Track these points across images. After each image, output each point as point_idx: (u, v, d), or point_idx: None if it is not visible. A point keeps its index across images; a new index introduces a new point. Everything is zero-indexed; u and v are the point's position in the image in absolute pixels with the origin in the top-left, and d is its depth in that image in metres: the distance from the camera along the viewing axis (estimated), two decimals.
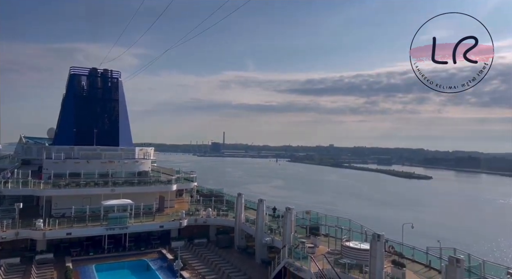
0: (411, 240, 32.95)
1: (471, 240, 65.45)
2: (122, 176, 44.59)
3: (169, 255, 35.24)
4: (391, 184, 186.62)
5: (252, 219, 38.26)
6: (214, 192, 53.87)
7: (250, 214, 40.68)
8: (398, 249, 29.07)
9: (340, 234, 32.21)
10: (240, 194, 40.38)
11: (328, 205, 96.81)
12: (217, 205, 45.94)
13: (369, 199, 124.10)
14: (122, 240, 37.32)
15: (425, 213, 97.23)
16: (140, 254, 36.28)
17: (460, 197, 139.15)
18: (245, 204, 41.88)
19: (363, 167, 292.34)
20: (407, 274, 23.79)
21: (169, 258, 34.21)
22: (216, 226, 42.21)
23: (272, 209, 41.48)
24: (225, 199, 48.18)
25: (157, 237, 39.03)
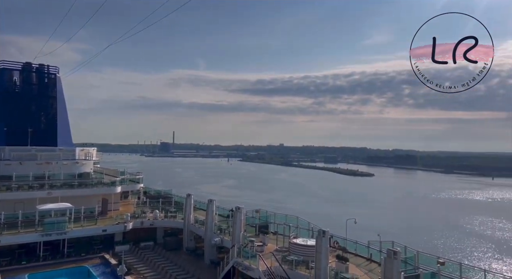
0: (354, 234, 34.54)
1: (408, 232, 70.33)
2: (61, 178, 41.64)
3: (112, 260, 33.57)
4: (337, 181, 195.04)
5: (201, 220, 37.73)
6: (162, 193, 52.33)
7: (200, 215, 40.09)
8: (342, 244, 30.33)
9: (288, 231, 32.86)
10: (189, 194, 39.63)
11: (278, 203, 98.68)
12: (165, 206, 44.64)
13: (316, 196, 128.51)
14: (60, 246, 34.84)
15: (368, 208, 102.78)
16: (80, 261, 34.11)
17: (399, 193, 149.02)
18: (195, 205, 41.18)
19: (311, 166, 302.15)
20: (350, 268, 24.87)
21: (113, 263, 32.59)
22: (164, 228, 41.01)
23: (230, 210, 40.97)
24: (174, 200, 46.99)
25: (100, 242, 36.99)
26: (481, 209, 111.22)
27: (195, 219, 38.94)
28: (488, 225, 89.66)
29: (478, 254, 64.77)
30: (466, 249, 67.18)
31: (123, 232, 38.10)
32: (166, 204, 45.78)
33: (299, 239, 29.77)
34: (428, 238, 70.26)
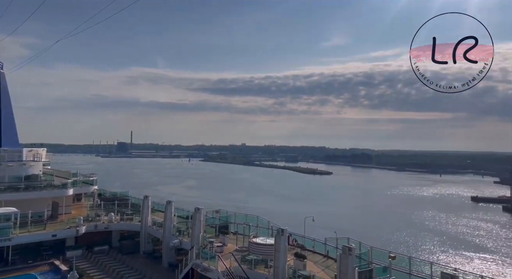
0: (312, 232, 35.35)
1: (364, 228, 73.09)
2: (6, 181, 38.79)
3: (63, 266, 31.75)
4: (297, 180, 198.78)
5: (159, 222, 36.78)
6: (119, 195, 50.41)
7: (158, 216, 39.08)
8: (301, 242, 30.91)
9: (248, 231, 32.94)
10: (147, 196, 38.50)
11: (240, 203, 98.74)
12: (121, 209, 43.05)
13: (277, 195, 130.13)
14: (4, 254, 32.42)
15: (326, 205, 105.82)
16: (27, 268, 31.94)
17: (355, 190, 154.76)
18: (152, 207, 40.10)
19: (273, 165, 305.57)
20: (308, 265, 25.38)
21: (63, 269, 30.84)
22: (120, 231, 39.53)
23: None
24: (131, 202, 45.46)
25: (49, 248, 34.92)
26: (430, 205, 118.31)
27: (153, 221, 37.91)
28: (436, 219, 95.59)
29: (427, 247, 68.82)
30: (417, 242, 71.11)
31: (75, 236, 36.25)
32: (122, 206, 44.17)
33: (259, 238, 29.93)
34: (382, 233, 73.50)
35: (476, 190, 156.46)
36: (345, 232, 36.91)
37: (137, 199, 45.75)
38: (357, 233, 48.90)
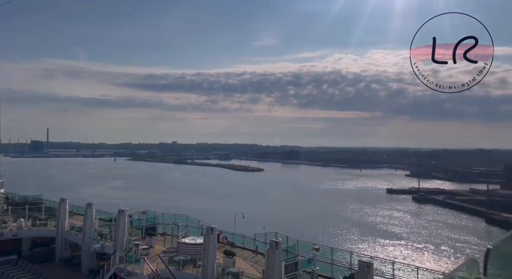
0: (243, 228, 35.57)
1: (292, 222, 75.88)
2: None
3: None
4: (230, 177, 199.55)
5: (79, 226, 33.94)
6: (30, 198, 45.42)
7: (77, 220, 36.04)
8: (231, 239, 30.93)
9: (177, 231, 31.99)
10: (64, 199, 35.26)
11: (170, 202, 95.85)
12: (33, 213, 38.82)
13: (209, 193, 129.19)
14: None
15: (257, 202, 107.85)
16: None
17: (285, 186, 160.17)
18: (70, 210, 36.87)
19: (205, 163, 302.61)
20: (237, 262, 25.44)
21: None
22: (32, 238, 35.63)
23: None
24: (45, 206, 41.24)
25: None
26: (352, 197, 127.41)
27: (71, 225, 34.89)
28: (357, 211, 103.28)
29: (349, 236, 73.96)
30: (340, 233, 76.02)
31: None
32: (34, 210, 39.85)
33: (188, 238, 29.24)
34: (309, 226, 77.11)
35: (390, 182, 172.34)
36: (274, 227, 37.87)
37: (52, 203, 41.66)
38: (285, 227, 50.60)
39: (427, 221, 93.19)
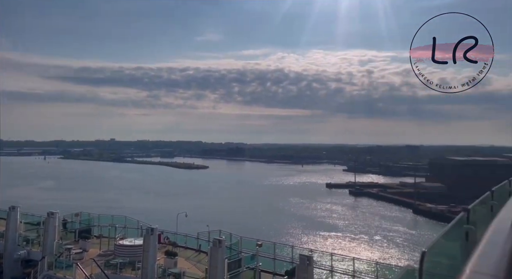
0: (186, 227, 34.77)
1: (237, 219, 76.13)
2: None
3: None
4: (173, 175, 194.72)
5: (0, 232, 30.61)
6: None
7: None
8: (173, 239, 30.04)
9: (115, 233, 30.30)
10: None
11: (109, 202, 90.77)
12: None
13: (151, 192, 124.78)
14: None
15: (202, 199, 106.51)
16: None
17: (230, 182, 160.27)
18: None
19: (146, 161, 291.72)
20: (179, 262, 24.77)
21: None
22: None
23: (63, 222, 33.79)
24: None
25: None
26: (294, 192, 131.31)
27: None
28: (299, 205, 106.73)
29: (292, 230, 76.13)
30: (283, 227, 77.89)
31: None
32: None
33: (126, 240, 27.85)
34: (253, 222, 77.94)
35: (329, 177, 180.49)
36: (218, 224, 37.55)
37: None
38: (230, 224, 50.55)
39: (363, 213, 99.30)
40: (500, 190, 5.70)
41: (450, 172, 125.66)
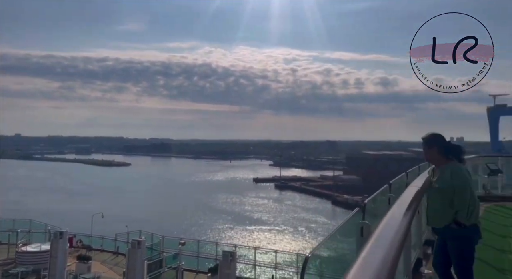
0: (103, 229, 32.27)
1: (161, 218, 73.36)
2: None
3: None
4: (90, 173, 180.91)
5: None
6: None
7: None
8: (87, 242, 27.66)
9: (16, 238, 26.82)
10: None
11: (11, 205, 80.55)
12: None
13: (64, 192, 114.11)
14: None
15: (122, 199, 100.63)
16: None
17: (155, 180, 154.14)
18: None
19: (59, 158, 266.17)
20: (93, 266, 22.82)
21: None
22: None
23: None
24: None
25: None
26: (222, 188, 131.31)
27: None
28: (226, 201, 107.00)
29: (218, 226, 75.89)
30: (210, 224, 77.24)
31: None
32: None
33: (30, 245, 24.81)
34: (178, 220, 75.94)
35: (256, 172, 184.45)
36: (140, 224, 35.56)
37: None
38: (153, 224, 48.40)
39: (287, 206, 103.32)
40: (398, 182, 5.99)
41: (364, 165, 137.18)
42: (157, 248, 23.53)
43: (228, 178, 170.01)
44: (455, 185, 4.25)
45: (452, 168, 4.36)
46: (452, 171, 4.33)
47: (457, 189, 4.24)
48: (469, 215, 4.18)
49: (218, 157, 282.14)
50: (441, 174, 4.41)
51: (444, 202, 4.32)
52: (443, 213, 4.33)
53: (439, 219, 4.39)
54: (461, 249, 4.25)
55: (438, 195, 4.41)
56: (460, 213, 4.20)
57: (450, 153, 4.48)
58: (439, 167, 4.52)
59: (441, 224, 4.39)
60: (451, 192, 4.29)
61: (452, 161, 4.44)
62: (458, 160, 4.47)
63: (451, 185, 4.27)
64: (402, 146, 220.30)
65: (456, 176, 4.28)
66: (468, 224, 4.18)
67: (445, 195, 4.32)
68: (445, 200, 4.32)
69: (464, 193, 4.21)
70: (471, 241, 4.26)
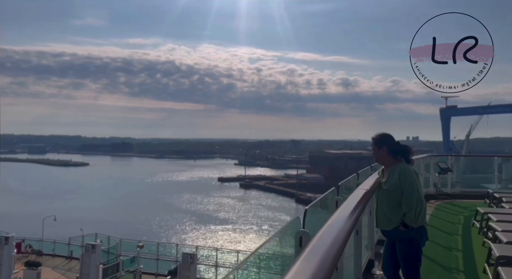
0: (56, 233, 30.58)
1: (120, 220, 70.78)
2: None
3: None
4: (44, 174, 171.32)
5: None
6: None
7: None
8: (37, 247, 26.00)
9: None
10: None
11: None
12: None
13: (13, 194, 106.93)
14: None
15: (79, 200, 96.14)
16: None
17: (115, 180, 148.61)
18: None
19: (10, 158, 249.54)
20: (44, 272, 21.46)
21: None
22: None
23: None
24: None
25: None
26: (186, 188, 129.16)
27: None
28: (190, 201, 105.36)
29: (181, 227, 74.52)
30: (172, 225, 75.66)
31: None
32: None
33: None
34: (139, 222, 73.69)
35: (221, 171, 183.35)
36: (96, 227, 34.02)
37: None
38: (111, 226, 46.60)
39: (251, 205, 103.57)
40: (347, 184, 5.99)
41: (325, 164, 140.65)
42: (113, 251, 22.54)
43: (192, 177, 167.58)
44: (402, 186, 4.23)
45: (400, 169, 4.33)
46: (400, 172, 4.30)
47: (405, 191, 4.22)
48: (416, 217, 4.15)
49: (182, 156, 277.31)
50: (390, 175, 4.38)
51: (392, 205, 4.30)
52: (391, 216, 4.31)
53: (387, 221, 4.36)
54: (408, 251, 4.24)
55: (386, 197, 4.39)
56: (408, 215, 4.18)
57: (398, 154, 4.45)
58: (388, 168, 4.49)
59: (389, 227, 4.36)
60: (398, 194, 4.27)
61: (401, 162, 4.41)
62: (406, 160, 4.44)
63: (398, 186, 4.26)
64: (362, 145, 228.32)
65: (403, 177, 4.25)
66: (415, 226, 4.17)
67: (393, 197, 4.30)
68: (393, 202, 4.30)
69: (411, 195, 4.18)
70: (418, 243, 4.25)
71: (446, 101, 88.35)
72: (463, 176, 13.44)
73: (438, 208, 9.25)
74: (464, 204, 9.68)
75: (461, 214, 8.44)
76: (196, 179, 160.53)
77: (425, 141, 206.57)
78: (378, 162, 4.70)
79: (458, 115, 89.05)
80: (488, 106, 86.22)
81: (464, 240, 6.79)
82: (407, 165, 4.40)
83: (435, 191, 11.26)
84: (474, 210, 7.43)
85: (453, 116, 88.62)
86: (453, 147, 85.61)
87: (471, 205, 8.84)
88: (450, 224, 7.63)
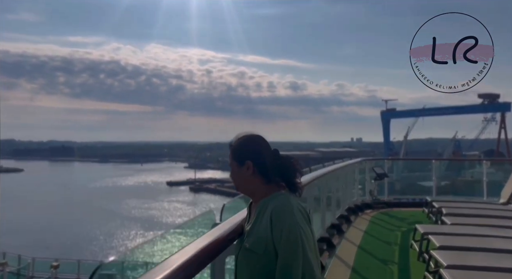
0: None
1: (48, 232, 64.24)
2: None
3: None
4: None
5: None
6: None
7: None
8: None
9: None
10: None
11: None
12: None
13: None
14: None
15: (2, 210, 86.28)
16: None
17: (51, 187, 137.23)
18: None
19: None
20: None
21: None
22: None
23: None
24: None
25: None
26: (132, 193, 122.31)
27: None
28: (136, 207, 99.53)
29: (123, 235, 69.49)
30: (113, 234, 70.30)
31: None
32: None
33: None
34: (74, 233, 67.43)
35: (170, 175, 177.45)
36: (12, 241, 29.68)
37: None
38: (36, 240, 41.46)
39: (201, 208, 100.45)
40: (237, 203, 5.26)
41: None
42: (24, 272, 19.17)
43: (139, 182, 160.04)
44: (277, 245, 2.04)
45: (275, 209, 2.13)
46: (274, 215, 2.15)
47: (281, 255, 2.17)
48: None
49: (128, 160, 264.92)
50: (257, 219, 2.04)
51: (258, 273, 2.05)
52: None
53: None
54: None
55: (248, 263, 2.08)
56: None
57: (276, 175, 2.19)
58: (257, 203, 2.12)
59: None
60: (269, 257, 2.08)
61: (278, 191, 2.11)
62: (290, 187, 2.16)
63: (270, 243, 2.02)
64: (310, 146, 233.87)
65: (279, 225, 2.14)
66: None
67: (260, 263, 2.02)
68: (260, 269, 2.04)
69: (294, 256, 2.01)
70: None
71: (386, 104, 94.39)
72: (401, 174, 13.60)
73: (373, 221, 8.44)
74: (401, 214, 9.11)
75: (398, 230, 7.63)
76: (143, 184, 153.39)
77: (368, 142, 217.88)
78: (240, 191, 2.39)
79: (397, 117, 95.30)
80: (423, 109, 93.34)
81: (401, 270, 5.58)
82: (288, 197, 2.07)
83: (371, 199, 10.22)
84: (413, 223, 6.55)
85: (392, 118, 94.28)
86: (393, 147, 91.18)
87: (409, 215, 8.34)
88: (386, 245, 6.72)
